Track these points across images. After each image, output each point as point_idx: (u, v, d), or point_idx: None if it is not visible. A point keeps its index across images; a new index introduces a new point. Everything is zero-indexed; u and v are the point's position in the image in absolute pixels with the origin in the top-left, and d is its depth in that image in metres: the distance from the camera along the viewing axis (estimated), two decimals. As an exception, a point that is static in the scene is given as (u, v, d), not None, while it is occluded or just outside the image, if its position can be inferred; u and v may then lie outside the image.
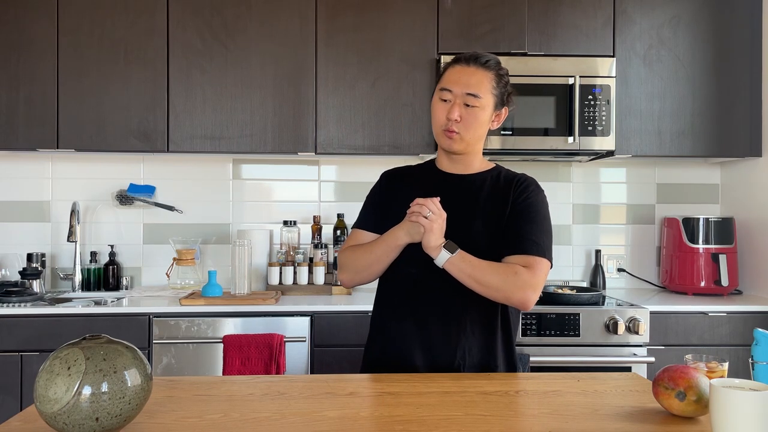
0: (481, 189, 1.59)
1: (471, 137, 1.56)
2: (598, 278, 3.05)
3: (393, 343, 1.56)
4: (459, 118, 1.53)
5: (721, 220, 2.87)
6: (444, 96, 1.55)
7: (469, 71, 1.55)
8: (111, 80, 2.70)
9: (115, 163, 3.03)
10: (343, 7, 2.73)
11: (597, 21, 2.78)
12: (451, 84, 1.55)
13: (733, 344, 2.52)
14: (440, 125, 1.56)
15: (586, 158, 2.97)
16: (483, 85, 1.54)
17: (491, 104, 1.57)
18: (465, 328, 1.53)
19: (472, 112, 1.54)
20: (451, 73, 1.57)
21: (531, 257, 1.48)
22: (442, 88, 1.56)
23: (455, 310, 1.53)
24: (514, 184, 1.59)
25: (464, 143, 1.56)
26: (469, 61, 1.56)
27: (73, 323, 2.40)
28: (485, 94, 1.55)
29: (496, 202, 1.57)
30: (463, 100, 1.53)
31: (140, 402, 1.01)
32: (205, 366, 2.45)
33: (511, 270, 1.46)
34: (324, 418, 1.12)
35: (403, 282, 1.57)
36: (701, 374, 1.12)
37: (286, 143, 2.74)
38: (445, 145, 1.58)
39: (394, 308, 1.59)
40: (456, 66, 1.57)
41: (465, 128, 1.54)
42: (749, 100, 2.81)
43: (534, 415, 1.14)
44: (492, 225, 1.54)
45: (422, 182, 1.64)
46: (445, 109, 1.55)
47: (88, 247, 3.01)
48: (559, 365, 2.40)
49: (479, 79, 1.54)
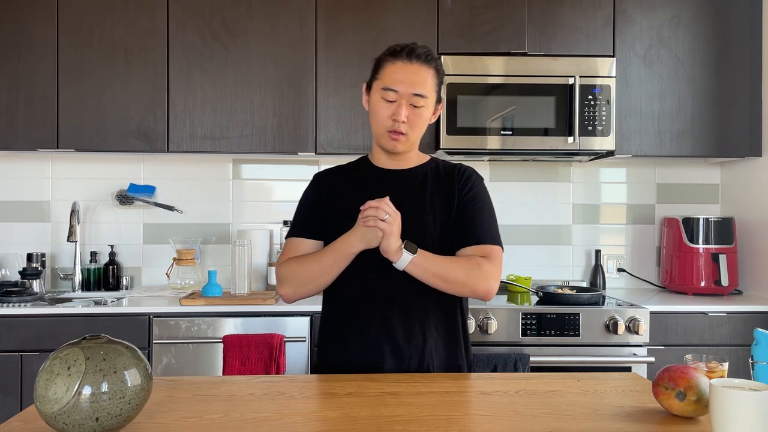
0: (424, 183, 1.57)
1: (417, 137, 1.55)
2: (598, 278, 3.05)
3: (358, 350, 1.50)
4: (406, 119, 1.49)
5: (721, 220, 2.87)
6: (389, 96, 1.49)
7: (413, 69, 1.48)
8: (111, 80, 2.70)
9: (115, 163, 3.03)
10: (343, 7, 2.73)
11: (597, 21, 2.78)
12: (395, 84, 1.48)
13: (733, 344, 2.52)
14: (385, 126, 1.51)
15: (586, 158, 2.97)
16: (427, 83, 1.50)
17: (434, 101, 1.54)
18: (430, 328, 1.51)
19: (418, 112, 1.50)
20: (393, 71, 1.49)
21: (487, 246, 1.49)
22: (386, 88, 1.49)
23: (419, 311, 1.50)
24: (456, 175, 1.58)
25: (409, 143, 1.54)
26: (411, 58, 1.49)
27: (73, 323, 2.40)
28: (430, 92, 1.51)
29: (442, 195, 1.55)
30: (409, 101, 1.49)
31: (140, 402, 1.01)
32: (205, 366, 2.44)
33: (473, 262, 1.45)
34: (324, 418, 1.12)
35: (361, 289, 1.51)
36: (701, 374, 1.12)
37: (286, 143, 2.74)
38: (389, 147, 1.53)
39: (355, 316, 1.52)
40: (397, 62, 1.49)
41: (411, 128, 1.51)
42: (749, 100, 2.81)
43: (534, 415, 1.14)
44: (441, 218, 1.53)
45: (360, 180, 1.59)
46: (389, 109, 1.49)
47: (88, 247, 3.01)
48: (559, 365, 2.40)
49: (424, 77, 1.49)
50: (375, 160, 1.62)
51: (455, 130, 2.68)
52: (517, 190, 3.14)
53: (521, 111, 2.69)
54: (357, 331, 1.52)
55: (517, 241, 3.13)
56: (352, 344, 1.52)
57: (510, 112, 2.69)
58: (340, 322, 1.56)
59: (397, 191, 1.52)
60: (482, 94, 2.69)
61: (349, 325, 1.54)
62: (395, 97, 1.49)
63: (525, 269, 3.07)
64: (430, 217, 1.52)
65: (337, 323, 1.56)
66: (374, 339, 1.50)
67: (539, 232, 3.14)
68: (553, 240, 3.15)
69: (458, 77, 2.68)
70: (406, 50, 1.49)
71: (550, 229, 3.15)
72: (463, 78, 2.68)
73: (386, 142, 1.53)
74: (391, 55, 1.51)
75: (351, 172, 1.63)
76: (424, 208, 1.53)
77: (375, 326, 1.50)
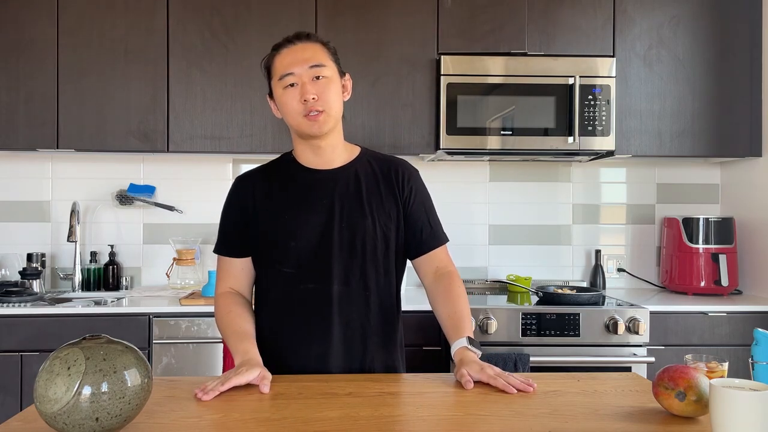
0: (358, 181, 1.50)
1: (336, 111, 1.46)
2: (598, 278, 3.05)
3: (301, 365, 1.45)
4: (316, 96, 1.41)
5: (721, 220, 2.87)
6: (288, 81, 1.43)
7: (299, 48, 1.44)
8: (111, 80, 2.70)
9: (115, 163, 3.03)
10: (343, 7, 2.73)
11: (597, 21, 2.78)
12: (289, 66, 1.42)
13: (733, 344, 2.52)
14: (299, 112, 1.43)
15: (586, 158, 2.97)
16: (319, 53, 1.45)
17: (336, 72, 1.48)
18: (370, 335, 1.49)
19: (324, 83, 1.43)
20: (282, 59, 1.44)
21: (444, 245, 1.58)
22: (283, 75, 1.43)
23: (357, 319, 1.48)
24: (395, 173, 1.53)
25: (331, 119, 1.45)
26: (293, 41, 1.45)
27: (73, 323, 2.40)
28: (327, 62, 1.45)
29: (382, 198, 1.50)
30: (311, 74, 1.42)
31: (140, 402, 1.01)
32: (205, 366, 2.44)
33: (459, 287, 1.52)
34: (324, 418, 1.12)
35: (301, 298, 1.46)
36: (701, 374, 1.12)
37: (286, 143, 2.72)
38: (312, 130, 1.44)
39: (293, 325, 1.47)
40: (282, 51, 1.45)
41: (325, 102, 1.43)
42: (749, 100, 2.81)
43: (534, 415, 1.14)
44: (382, 223, 1.49)
45: (288, 181, 1.51)
46: (296, 94, 1.42)
47: (88, 247, 3.01)
48: (559, 365, 2.40)
49: (313, 50, 1.45)
50: (301, 158, 1.53)
51: (455, 130, 2.68)
52: (517, 190, 3.14)
53: (521, 111, 2.69)
54: (295, 339, 1.47)
55: (517, 241, 3.13)
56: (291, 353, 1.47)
57: (510, 112, 2.69)
58: (278, 329, 1.49)
59: (329, 195, 1.47)
60: (482, 94, 2.69)
61: (287, 333, 1.48)
62: (295, 80, 1.43)
63: (525, 269, 3.07)
64: (369, 220, 1.47)
65: (274, 331, 1.50)
66: (317, 349, 1.46)
67: (539, 232, 3.14)
68: (553, 240, 3.14)
69: (458, 77, 2.68)
70: (285, 39, 1.47)
71: (550, 229, 3.15)
72: (463, 78, 2.68)
73: (307, 128, 1.44)
74: (274, 50, 1.48)
75: (276, 173, 1.53)
76: (363, 211, 1.48)
77: (316, 339, 1.46)
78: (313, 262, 1.45)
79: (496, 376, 1.28)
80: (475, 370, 1.30)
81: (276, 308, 1.50)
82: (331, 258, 1.45)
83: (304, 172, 1.51)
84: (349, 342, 1.47)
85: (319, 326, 1.46)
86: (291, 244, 1.46)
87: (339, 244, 1.45)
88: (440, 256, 1.57)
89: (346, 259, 1.46)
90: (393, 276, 1.54)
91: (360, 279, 1.47)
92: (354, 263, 1.46)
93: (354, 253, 1.46)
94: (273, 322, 1.50)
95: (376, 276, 1.49)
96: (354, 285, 1.47)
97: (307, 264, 1.45)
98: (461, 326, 1.43)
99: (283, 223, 1.46)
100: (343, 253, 1.46)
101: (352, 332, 1.47)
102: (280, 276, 1.48)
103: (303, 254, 1.45)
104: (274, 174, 1.53)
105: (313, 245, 1.45)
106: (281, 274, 1.47)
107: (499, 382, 1.27)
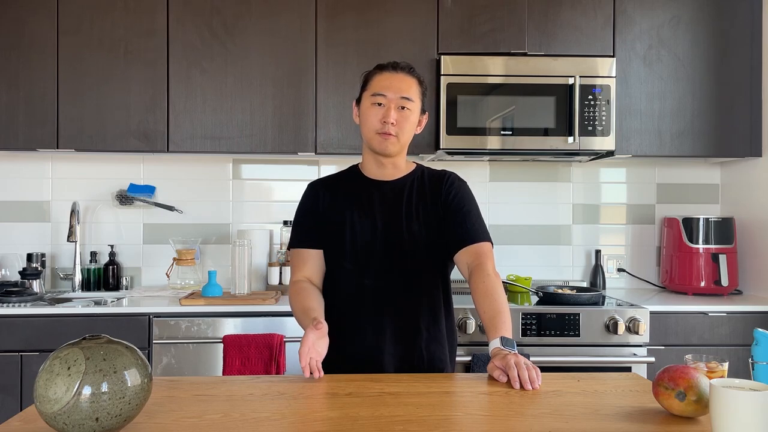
0: (411, 191, 1.68)
1: (406, 139, 1.65)
2: (598, 278, 3.05)
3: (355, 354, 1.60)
4: (395, 121, 1.60)
5: (721, 220, 2.87)
6: (378, 100, 1.62)
7: (399, 77, 1.64)
8: (111, 80, 2.69)
9: (115, 163, 3.03)
10: (343, 6, 2.73)
11: (597, 21, 2.78)
12: (384, 89, 1.62)
13: (733, 344, 2.52)
14: (375, 129, 1.62)
15: (586, 158, 2.97)
16: (413, 89, 1.64)
17: (419, 109, 1.67)
18: (420, 329, 1.62)
19: (406, 114, 1.63)
20: (381, 80, 1.64)
21: (483, 243, 1.63)
22: (376, 94, 1.62)
23: (407, 315, 1.62)
24: (440, 182, 1.69)
25: (399, 145, 1.65)
26: (396, 69, 1.65)
27: (73, 323, 2.40)
28: (415, 98, 1.65)
29: (428, 202, 1.67)
30: (398, 104, 1.62)
31: (140, 402, 1.01)
32: (205, 366, 2.44)
33: (497, 286, 1.54)
34: (324, 418, 1.12)
35: (359, 292, 1.63)
36: (701, 374, 1.12)
37: (286, 143, 2.74)
38: (381, 148, 1.64)
39: (351, 316, 1.63)
40: (384, 73, 1.65)
41: (401, 130, 1.62)
42: (749, 100, 2.81)
43: (534, 415, 1.14)
44: (428, 225, 1.64)
45: (351, 190, 1.70)
46: (379, 113, 1.62)
47: (88, 247, 3.01)
48: (559, 365, 2.40)
49: (409, 84, 1.64)
50: (365, 170, 1.73)
51: (455, 131, 2.68)
52: (517, 190, 3.14)
53: (521, 111, 2.69)
54: (353, 334, 1.62)
55: (517, 241, 3.13)
56: (349, 348, 1.61)
57: (510, 112, 2.69)
58: (337, 326, 1.60)
59: (384, 200, 1.67)
60: (482, 94, 2.69)
61: (346, 327, 1.62)
62: (384, 101, 1.62)
63: (525, 269, 3.07)
64: (416, 224, 1.64)
65: (334, 323, 1.61)
66: (371, 342, 1.61)
67: (539, 232, 3.14)
68: (553, 240, 3.15)
69: (458, 77, 2.68)
70: (391, 64, 1.67)
71: (550, 229, 3.15)
72: (463, 78, 2.68)
73: (377, 144, 1.63)
74: (378, 68, 1.67)
75: (343, 181, 1.73)
76: (411, 215, 1.64)
77: (371, 329, 1.61)
78: (370, 261, 1.62)
79: (513, 366, 1.33)
80: (499, 358, 1.38)
81: (338, 301, 1.66)
82: (384, 257, 1.62)
83: (366, 182, 1.71)
84: (399, 335, 1.61)
85: (374, 319, 1.61)
86: (351, 244, 1.63)
87: (392, 246, 1.62)
88: (479, 251, 1.61)
89: (397, 259, 1.62)
90: (439, 276, 1.67)
91: (410, 278, 1.63)
92: (405, 263, 1.62)
93: (404, 253, 1.62)
94: (335, 314, 1.64)
95: (424, 275, 1.64)
96: (404, 283, 1.62)
97: (364, 262, 1.63)
98: (497, 326, 1.49)
99: (346, 226, 1.64)
100: (395, 253, 1.62)
101: (402, 327, 1.61)
102: (342, 272, 1.65)
103: (361, 254, 1.63)
104: (340, 182, 1.73)
105: (370, 246, 1.63)
106: (343, 271, 1.65)
107: (512, 374, 1.32)
